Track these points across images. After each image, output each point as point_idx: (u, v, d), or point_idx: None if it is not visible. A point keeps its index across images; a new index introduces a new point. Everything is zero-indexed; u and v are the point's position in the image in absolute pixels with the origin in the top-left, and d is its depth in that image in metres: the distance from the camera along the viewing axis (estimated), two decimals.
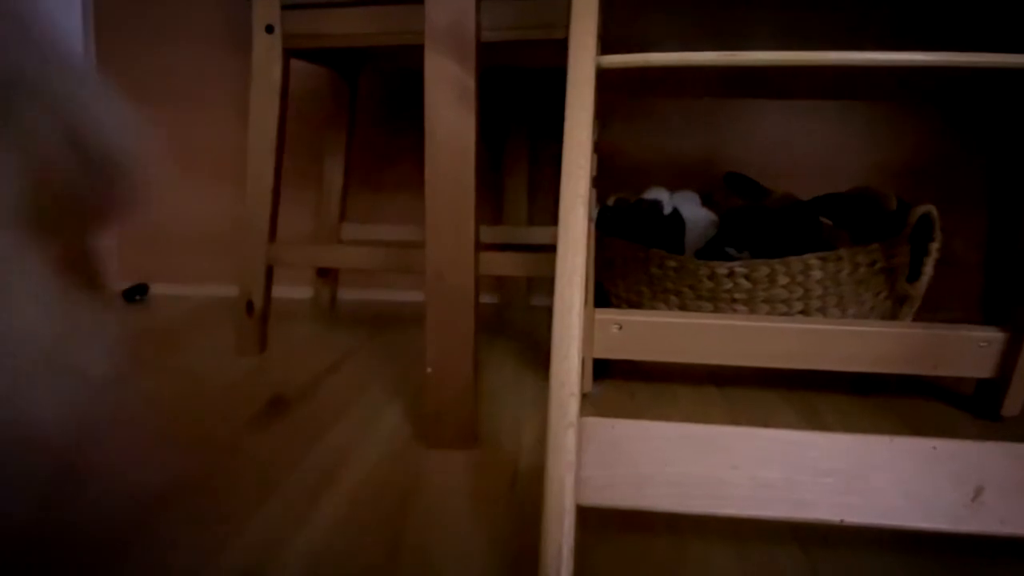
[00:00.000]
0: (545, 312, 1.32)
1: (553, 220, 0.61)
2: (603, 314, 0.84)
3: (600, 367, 0.90)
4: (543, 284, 1.37)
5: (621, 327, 0.83)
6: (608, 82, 0.59)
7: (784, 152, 1.29)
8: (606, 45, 0.58)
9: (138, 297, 1.39)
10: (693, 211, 1.01)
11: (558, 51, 0.61)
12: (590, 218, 0.56)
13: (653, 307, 0.96)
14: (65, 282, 0.42)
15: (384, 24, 0.93)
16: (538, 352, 1.06)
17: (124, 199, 0.46)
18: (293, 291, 1.40)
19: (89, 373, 0.43)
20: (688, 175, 1.30)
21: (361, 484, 0.64)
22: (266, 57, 0.97)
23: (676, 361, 0.84)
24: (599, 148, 0.69)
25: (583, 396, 0.49)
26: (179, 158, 1.41)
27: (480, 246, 0.71)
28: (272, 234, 1.02)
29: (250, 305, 1.02)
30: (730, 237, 0.94)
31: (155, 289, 1.44)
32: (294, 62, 1.02)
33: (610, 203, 1.06)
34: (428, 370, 0.70)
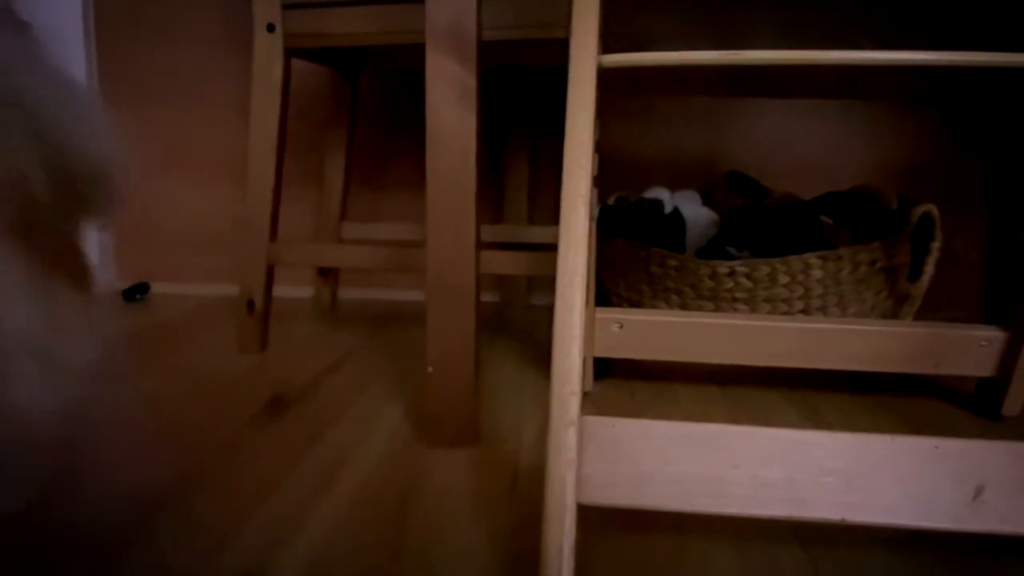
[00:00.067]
0: (546, 311, 1.32)
1: (553, 219, 0.61)
2: (604, 313, 0.84)
3: (601, 366, 0.90)
4: (544, 283, 1.37)
5: (622, 326, 0.83)
6: (608, 81, 0.59)
7: (785, 151, 1.29)
8: (607, 44, 0.58)
9: (138, 296, 1.39)
10: (694, 210, 1.01)
11: (559, 50, 0.61)
12: (591, 217, 0.56)
13: (654, 306, 0.96)
14: (50, 282, 0.43)
15: (385, 23, 0.93)
16: (539, 351, 1.06)
17: (103, 201, 0.47)
18: (294, 290, 1.40)
19: (73, 366, 0.43)
20: (689, 174, 1.29)
21: (362, 483, 0.64)
22: (267, 56, 0.97)
23: (677, 360, 0.84)
24: (600, 147, 0.69)
25: (584, 395, 0.49)
26: (180, 157, 1.41)
27: (481, 245, 0.71)
28: (273, 233, 1.02)
29: (251, 304, 1.02)
30: (731, 236, 0.94)
31: (156, 288, 1.44)
32: (295, 61, 1.02)
33: (611, 202, 1.07)
34: (429, 369, 0.70)
